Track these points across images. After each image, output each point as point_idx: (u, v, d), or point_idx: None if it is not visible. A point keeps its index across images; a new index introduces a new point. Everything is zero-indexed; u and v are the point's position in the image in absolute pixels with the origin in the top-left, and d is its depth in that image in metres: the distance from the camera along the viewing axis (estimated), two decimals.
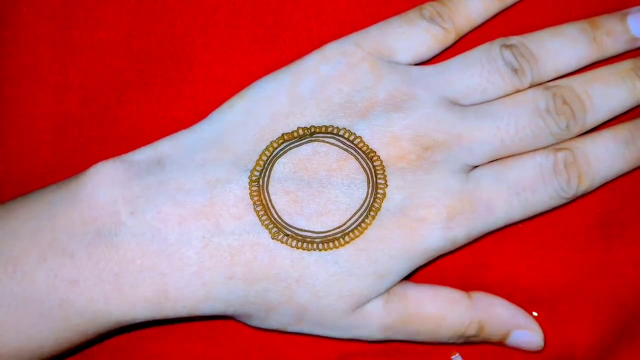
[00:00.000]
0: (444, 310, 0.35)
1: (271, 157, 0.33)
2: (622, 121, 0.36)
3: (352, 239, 0.33)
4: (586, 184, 0.35)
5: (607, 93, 0.35)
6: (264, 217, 0.33)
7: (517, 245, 0.38)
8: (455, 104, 0.34)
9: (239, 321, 0.36)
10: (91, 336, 0.34)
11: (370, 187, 0.33)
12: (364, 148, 0.33)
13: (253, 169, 0.33)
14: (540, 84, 0.35)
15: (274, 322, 0.34)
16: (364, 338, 0.35)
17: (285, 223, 0.33)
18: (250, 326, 0.36)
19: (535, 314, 0.38)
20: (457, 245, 0.35)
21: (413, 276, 0.37)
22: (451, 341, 0.36)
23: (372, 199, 0.33)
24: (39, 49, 0.37)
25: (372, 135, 0.33)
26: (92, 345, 0.37)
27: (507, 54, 0.35)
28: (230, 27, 0.36)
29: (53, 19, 0.37)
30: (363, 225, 0.33)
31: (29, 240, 0.33)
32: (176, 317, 0.33)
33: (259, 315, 0.34)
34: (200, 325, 0.39)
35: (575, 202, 0.36)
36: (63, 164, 0.38)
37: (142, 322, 0.34)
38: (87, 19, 0.37)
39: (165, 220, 0.32)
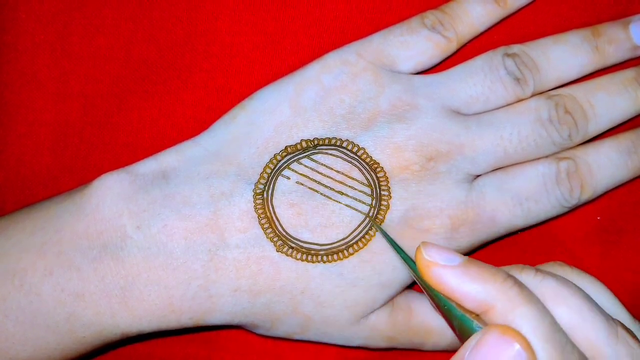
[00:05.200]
0: None
1: (275, 169, 0.33)
2: (621, 129, 0.36)
3: (356, 251, 0.33)
4: (588, 193, 0.35)
5: (610, 102, 0.35)
6: (269, 230, 0.33)
7: (516, 252, 0.38)
8: (457, 113, 0.34)
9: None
10: (98, 347, 0.34)
11: (374, 199, 0.33)
12: (367, 159, 0.33)
13: (257, 182, 0.33)
14: (543, 92, 0.35)
15: (279, 332, 0.35)
16: (368, 347, 0.36)
17: (290, 236, 0.33)
18: (255, 334, 0.36)
19: None
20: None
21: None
22: None
23: (375, 211, 0.33)
24: (38, 55, 0.37)
25: (375, 146, 0.33)
26: (101, 354, 0.37)
27: (510, 62, 0.35)
28: (230, 34, 0.36)
29: (52, 25, 0.36)
30: (367, 237, 0.33)
31: (35, 253, 0.33)
32: (182, 328, 0.34)
33: (264, 325, 0.34)
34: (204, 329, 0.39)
35: (574, 209, 0.36)
36: (64, 171, 0.38)
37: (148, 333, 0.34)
38: (87, 25, 0.36)
39: (171, 234, 0.32)
